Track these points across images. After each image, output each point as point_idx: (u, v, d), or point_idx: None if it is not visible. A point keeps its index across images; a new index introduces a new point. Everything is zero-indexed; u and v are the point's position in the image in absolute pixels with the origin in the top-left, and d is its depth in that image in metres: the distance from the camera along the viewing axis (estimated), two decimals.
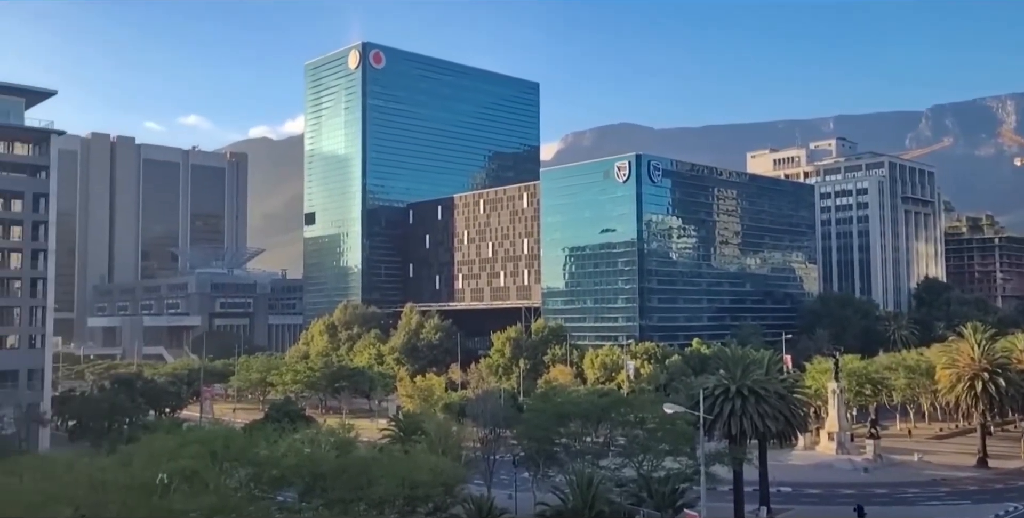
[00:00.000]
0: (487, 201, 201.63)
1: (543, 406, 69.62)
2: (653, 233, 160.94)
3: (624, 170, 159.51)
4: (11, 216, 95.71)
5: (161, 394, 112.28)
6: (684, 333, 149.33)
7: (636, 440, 60.93)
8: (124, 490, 40.97)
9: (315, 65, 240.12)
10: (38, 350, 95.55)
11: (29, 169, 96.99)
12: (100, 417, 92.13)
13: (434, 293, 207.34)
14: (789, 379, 72.36)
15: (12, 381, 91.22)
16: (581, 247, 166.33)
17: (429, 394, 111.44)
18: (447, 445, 62.76)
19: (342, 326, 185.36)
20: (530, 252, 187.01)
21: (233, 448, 47.02)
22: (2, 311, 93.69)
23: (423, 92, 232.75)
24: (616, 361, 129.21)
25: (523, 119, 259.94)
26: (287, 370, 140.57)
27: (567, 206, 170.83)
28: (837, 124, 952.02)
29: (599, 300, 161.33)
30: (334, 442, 53.93)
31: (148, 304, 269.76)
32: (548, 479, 61.67)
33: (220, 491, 42.29)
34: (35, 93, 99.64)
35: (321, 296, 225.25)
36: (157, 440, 50.27)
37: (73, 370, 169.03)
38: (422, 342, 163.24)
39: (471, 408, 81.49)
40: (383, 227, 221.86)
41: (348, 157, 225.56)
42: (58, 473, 44.57)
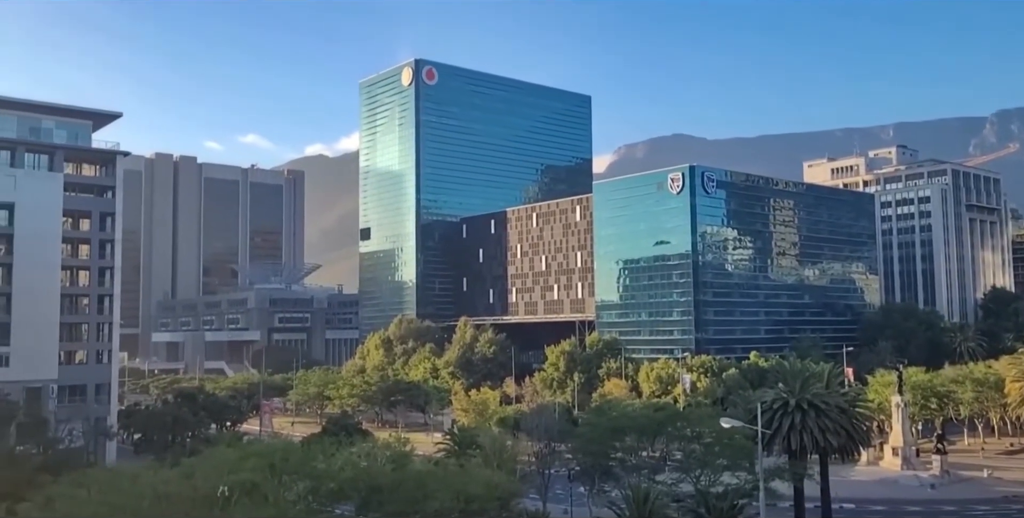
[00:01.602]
0: (540, 214, 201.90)
1: (598, 420, 69.21)
2: (708, 245, 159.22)
3: (678, 181, 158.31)
4: (80, 235, 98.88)
5: (222, 408, 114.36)
6: (741, 346, 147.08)
7: (693, 455, 60.09)
8: (187, 502, 41.82)
9: (369, 83, 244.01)
10: (105, 365, 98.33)
11: (96, 189, 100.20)
12: (164, 430, 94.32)
13: (488, 307, 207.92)
14: (851, 393, 70.72)
15: (81, 395, 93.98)
16: (635, 259, 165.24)
17: (484, 408, 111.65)
18: (502, 459, 62.76)
19: (397, 340, 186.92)
20: (583, 265, 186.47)
21: (292, 461, 47.69)
22: (71, 327, 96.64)
23: (475, 107, 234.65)
24: (672, 374, 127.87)
25: (575, 132, 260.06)
26: (344, 384, 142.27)
27: (620, 218, 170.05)
28: (897, 132, 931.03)
29: (654, 313, 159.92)
30: (390, 456, 54.41)
31: (209, 319, 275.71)
32: (604, 494, 61.19)
33: (279, 504, 42.88)
34: (102, 116, 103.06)
35: (376, 310, 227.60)
36: (218, 453, 51.25)
37: (138, 384, 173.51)
38: (476, 356, 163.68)
39: (526, 422, 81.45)
40: (437, 241, 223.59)
41: (402, 173, 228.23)
42: (124, 485, 45.61)
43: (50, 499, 45.80)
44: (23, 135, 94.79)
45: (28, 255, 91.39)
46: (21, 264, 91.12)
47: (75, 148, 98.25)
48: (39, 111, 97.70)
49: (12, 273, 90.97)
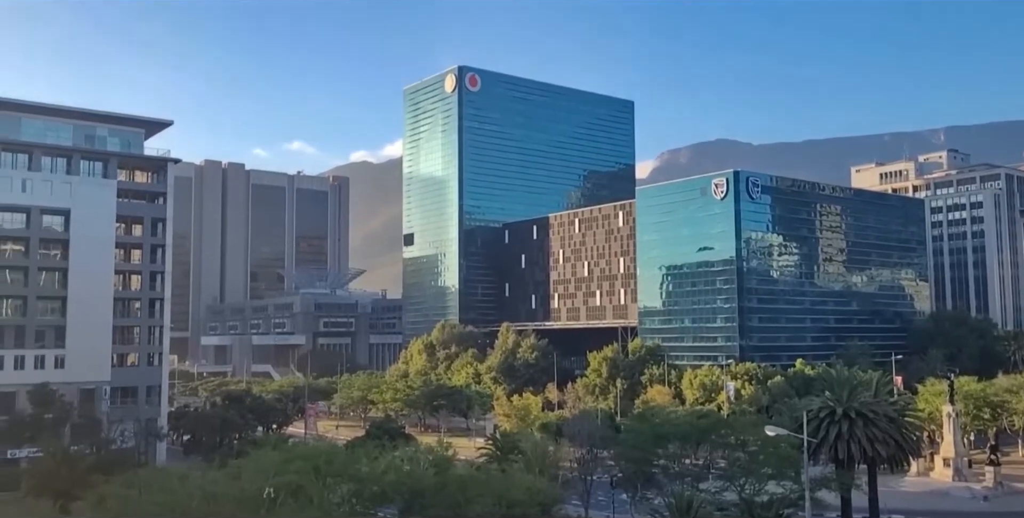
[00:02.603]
0: (582, 220, 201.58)
1: (641, 427, 68.86)
2: (753, 251, 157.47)
3: (722, 187, 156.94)
4: (132, 240, 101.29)
5: (268, 410, 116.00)
6: (786, 353, 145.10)
7: (737, 463, 59.48)
8: (234, 503, 42.61)
9: (413, 90, 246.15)
10: (156, 367, 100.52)
11: (148, 195, 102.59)
12: (212, 432, 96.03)
13: (530, 312, 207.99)
14: (900, 402, 69.35)
15: (132, 397, 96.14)
16: (678, 265, 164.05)
17: (526, 413, 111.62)
18: (544, 465, 62.82)
19: (440, 345, 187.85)
20: (626, 271, 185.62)
21: (336, 464, 48.33)
22: (124, 330, 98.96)
23: (518, 113, 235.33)
24: (715, 382, 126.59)
25: (618, 137, 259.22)
26: (387, 388, 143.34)
27: (664, 224, 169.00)
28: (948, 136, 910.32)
29: (697, 319, 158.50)
30: (433, 460, 54.79)
31: (256, 323, 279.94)
32: (647, 501, 60.80)
33: (324, 506, 43.49)
34: (153, 124, 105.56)
35: (419, 315, 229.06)
36: (264, 455, 52.10)
37: (188, 387, 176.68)
38: (518, 361, 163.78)
39: (568, 428, 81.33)
40: (479, 247, 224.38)
41: (445, 179, 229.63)
42: (173, 485, 46.66)
43: (103, 498, 47.08)
44: (78, 143, 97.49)
45: (83, 260, 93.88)
46: (76, 269, 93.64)
47: (128, 155, 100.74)
48: (93, 119, 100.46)
49: (68, 277, 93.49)
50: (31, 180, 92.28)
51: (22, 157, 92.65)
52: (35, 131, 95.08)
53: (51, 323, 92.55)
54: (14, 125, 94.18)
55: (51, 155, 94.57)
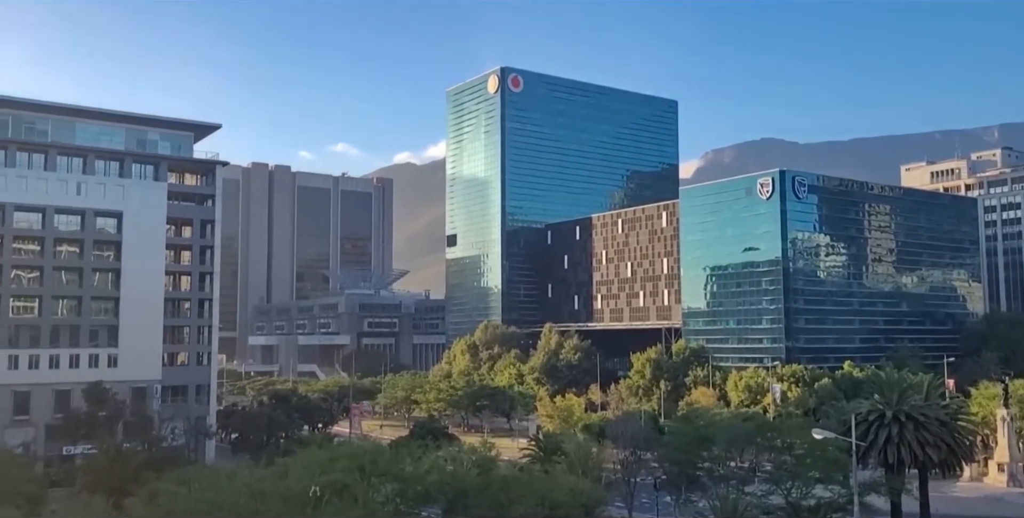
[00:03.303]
0: (625, 221, 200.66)
1: (685, 429, 68.43)
2: (799, 251, 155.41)
3: (767, 186, 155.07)
4: (182, 241, 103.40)
5: (314, 410, 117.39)
6: (834, 355, 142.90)
7: (784, 466, 58.71)
8: (281, 501, 43.20)
9: (456, 91, 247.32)
10: (205, 367, 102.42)
11: (197, 198, 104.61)
12: (259, 431, 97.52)
13: (573, 313, 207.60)
14: (952, 405, 67.83)
15: (182, 396, 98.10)
16: (723, 266, 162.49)
17: (568, 414, 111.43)
18: (587, 466, 62.65)
19: (483, 346, 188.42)
20: (670, 272, 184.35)
21: (380, 464, 48.72)
22: (174, 330, 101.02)
23: (560, 114, 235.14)
24: (761, 384, 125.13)
25: (661, 137, 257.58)
26: (431, 388, 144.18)
27: (708, 224, 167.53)
28: (1002, 133, 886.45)
29: (742, 320, 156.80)
30: (476, 460, 54.93)
31: (302, 323, 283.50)
32: (691, 504, 60.39)
33: (368, 505, 43.87)
34: (202, 127, 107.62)
35: (463, 316, 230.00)
36: (310, 454, 52.77)
37: (235, 386, 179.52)
38: (561, 362, 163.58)
39: (611, 429, 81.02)
40: (522, 248, 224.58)
41: (488, 180, 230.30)
42: (222, 483, 47.44)
43: (154, 494, 48.05)
44: (131, 146, 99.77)
45: (135, 261, 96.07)
46: (129, 270, 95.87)
47: (178, 158, 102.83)
48: (145, 123, 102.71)
49: (121, 278, 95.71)
50: (86, 183, 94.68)
51: (77, 160, 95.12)
52: (89, 135, 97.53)
53: (104, 323, 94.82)
54: (69, 129, 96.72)
55: (104, 159, 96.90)
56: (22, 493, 54.42)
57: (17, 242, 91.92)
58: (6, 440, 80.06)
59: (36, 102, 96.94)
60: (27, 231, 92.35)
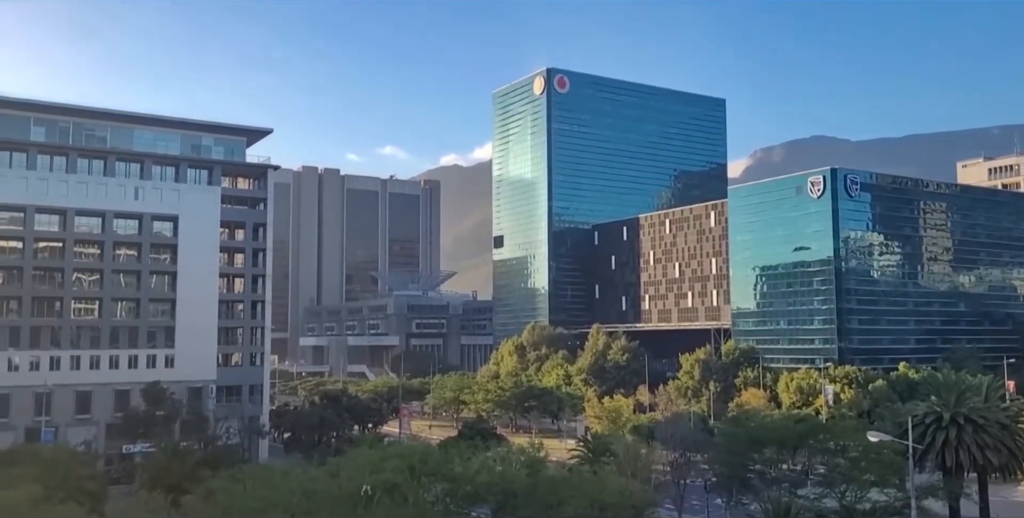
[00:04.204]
0: (673, 221, 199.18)
1: (735, 430, 67.74)
2: (851, 250, 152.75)
3: (818, 185, 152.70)
4: (235, 244, 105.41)
5: (364, 410, 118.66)
6: (888, 356, 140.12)
7: (837, 469, 57.85)
8: (333, 500, 43.91)
9: (502, 93, 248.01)
10: (258, 367, 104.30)
11: (250, 201, 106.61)
12: (311, 430, 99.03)
13: (620, 314, 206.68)
14: (1013, 407, 66.00)
15: (236, 395, 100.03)
16: (773, 266, 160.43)
17: (617, 416, 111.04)
18: (636, 467, 62.41)
19: (530, 347, 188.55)
20: (719, 272, 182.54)
21: (430, 464, 49.13)
22: (228, 331, 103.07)
23: (607, 114, 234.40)
24: (813, 385, 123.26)
25: (709, 136, 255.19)
26: (479, 389, 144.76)
27: (757, 224, 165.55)
28: None
29: (793, 321, 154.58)
30: (525, 461, 55.06)
31: (352, 325, 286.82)
32: (742, 506, 59.86)
33: (419, 504, 44.32)
34: (254, 132, 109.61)
35: (510, 317, 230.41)
36: (361, 453, 53.42)
37: (287, 386, 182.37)
38: (609, 363, 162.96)
39: (660, 431, 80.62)
40: (569, 249, 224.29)
41: (534, 181, 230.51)
42: (275, 481, 48.32)
43: (210, 492, 49.09)
44: (186, 152, 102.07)
45: (190, 264, 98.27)
46: (184, 272, 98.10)
47: (231, 163, 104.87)
48: (199, 129, 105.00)
49: (177, 281, 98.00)
50: (143, 188, 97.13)
51: (134, 166, 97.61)
52: (146, 141, 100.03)
53: (162, 324, 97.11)
54: (127, 136, 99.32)
55: (161, 164, 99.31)
56: (84, 490, 55.98)
57: (79, 246, 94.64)
58: (69, 438, 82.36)
59: (96, 109, 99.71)
60: (88, 235, 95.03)
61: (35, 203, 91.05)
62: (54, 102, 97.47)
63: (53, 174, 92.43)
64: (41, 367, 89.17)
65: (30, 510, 40.56)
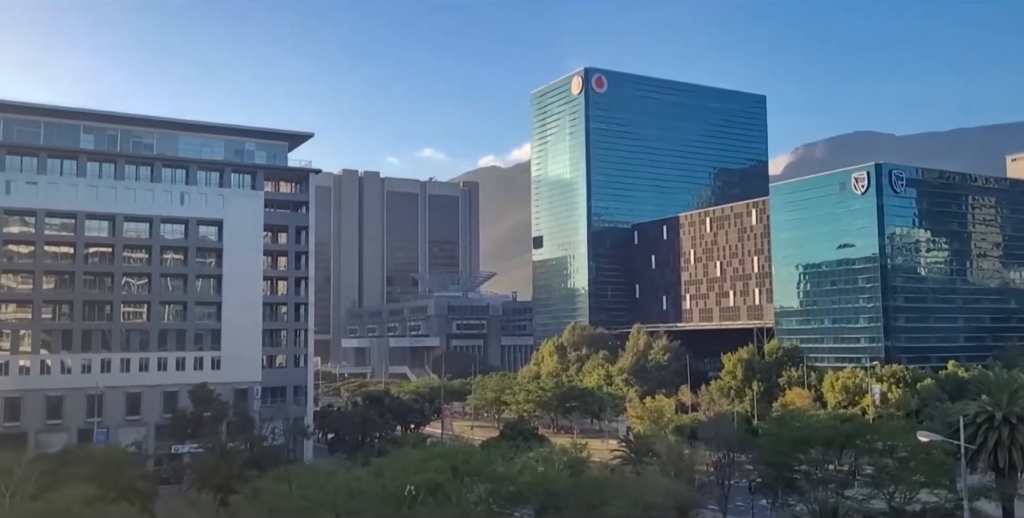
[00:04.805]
0: (714, 219, 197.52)
1: (780, 430, 66.91)
2: (897, 247, 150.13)
3: (862, 181, 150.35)
4: (278, 248, 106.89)
5: (406, 411, 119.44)
6: (937, 355, 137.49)
7: (885, 470, 56.87)
8: (378, 499, 44.37)
9: (540, 93, 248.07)
10: (302, 369, 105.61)
11: (292, 205, 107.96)
12: (354, 431, 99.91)
13: (661, 313, 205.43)
14: None
15: (281, 397, 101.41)
16: (816, 264, 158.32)
17: (659, 416, 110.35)
18: (679, 468, 62.06)
19: (571, 347, 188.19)
20: (761, 270, 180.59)
21: (473, 464, 49.41)
22: (272, 333, 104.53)
23: (645, 113, 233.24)
24: (859, 384, 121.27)
25: (749, 134, 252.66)
26: (519, 390, 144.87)
27: (800, 221, 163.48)
28: None
29: (838, 319, 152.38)
30: (567, 461, 55.10)
31: (393, 326, 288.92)
32: (788, 508, 59.14)
33: (462, 505, 44.58)
34: (296, 137, 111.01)
35: (550, 317, 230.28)
36: (404, 454, 53.92)
37: (330, 387, 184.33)
38: (650, 363, 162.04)
39: (703, 431, 80.00)
40: (608, 248, 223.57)
41: (573, 181, 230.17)
42: (321, 481, 48.98)
43: (257, 492, 49.88)
44: (229, 157, 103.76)
45: (235, 267, 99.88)
46: (229, 276, 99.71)
47: (274, 167, 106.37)
48: (242, 135, 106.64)
49: (222, 284, 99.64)
50: (189, 193, 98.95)
51: (180, 172, 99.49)
52: (191, 147, 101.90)
53: (208, 327, 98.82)
54: (172, 142, 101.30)
55: (205, 169, 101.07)
56: (135, 489, 57.26)
57: (127, 251, 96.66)
58: (120, 439, 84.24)
59: (142, 117, 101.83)
60: (136, 240, 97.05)
61: (85, 209, 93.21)
62: (103, 111, 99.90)
63: (102, 181, 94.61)
64: (93, 369, 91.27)
65: (85, 509, 41.60)
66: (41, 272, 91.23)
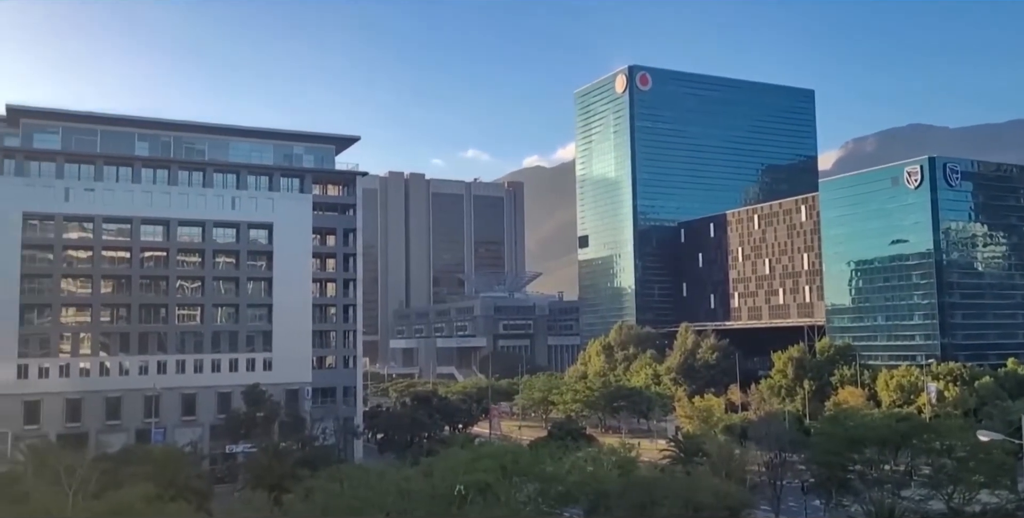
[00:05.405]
0: (762, 216, 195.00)
1: (833, 430, 65.97)
2: (953, 242, 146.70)
3: (915, 175, 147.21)
4: (326, 250, 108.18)
5: (454, 411, 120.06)
6: (995, 352, 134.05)
7: (943, 470, 55.74)
8: (427, 499, 44.73)
9: (584, 92, 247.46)
10: (351, 369, 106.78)
11: (340, 207, 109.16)
12: (403, 431, 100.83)
13: (709, 312, 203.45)
14: None
15: (331, 397, 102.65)
16: (868, 260, 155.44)
17: (708, 415, 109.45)
18: (730, 468, 61.52)
19: (618, 346, 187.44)
20: (811, 267, 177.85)
21: (521, 464, 49.56)
22: (321, 334, 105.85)
23: (691, 110, 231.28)
24: (914, 383, 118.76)
25: (797, 129, 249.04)
26: (567, 390, 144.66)
27: (851, 217, 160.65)
28: None
29: (891, 317, 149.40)
30: (616, 461, 54.97)
31: (440, 327, 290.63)
32: (842, 508, 58.26)
33: (511, 504, 44.74)
34: (342, 140, 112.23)
35: (596, 317, 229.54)
36: (453, 454, 54.26)
37: (379, 388, 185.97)
38: (698, 362, 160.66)
39: (753, 430, 79.16)
40: (655, 247, 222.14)
41: (618, 180, 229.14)
42: (371, 481, 49.49)
43: (309, 491, 50.63)
44: (278, 161, 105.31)
45: (285, 270, 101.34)
46: (280, 278, 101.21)
47: (321, 171, 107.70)
48: (291, 139, 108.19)
49: (272, 286, 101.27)
50: (239, 197, 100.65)
51: (231, 176, 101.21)
52: (241, 153, 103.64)
53: (259, 328, 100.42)
54: (223, 148, 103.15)
55: (255, 173, 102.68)
56: (192, 488, 58.53)
57: (181, 254, 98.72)
58: (176, 439, 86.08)
59: (194, 123, 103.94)
60: (189, 244, 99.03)
61: (141, 214, 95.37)
62: (156, 118, 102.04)
63: (156, 186, 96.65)
64: (149, 371, 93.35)
65: (145, 507, 42.64)
66: (99, 276, 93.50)
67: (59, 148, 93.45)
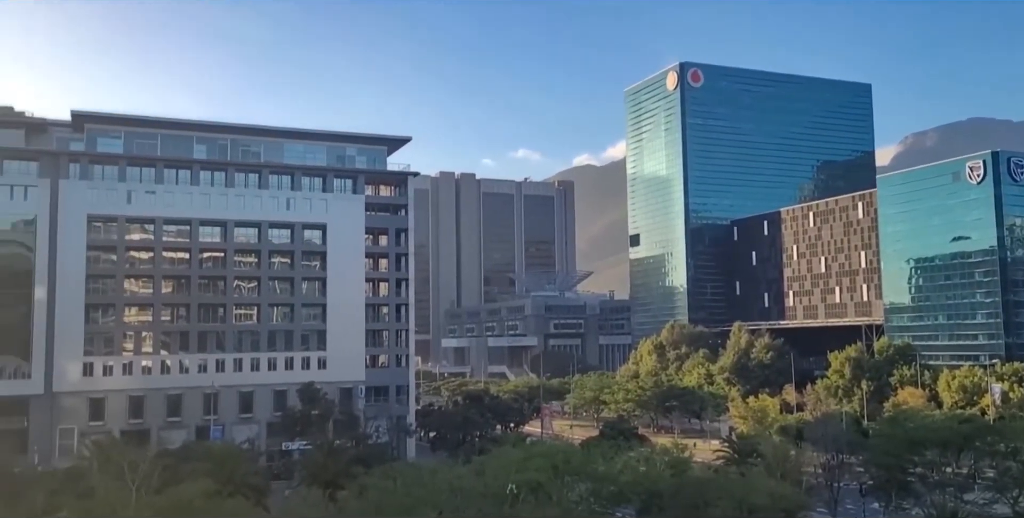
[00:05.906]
0: (817, 213, 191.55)
1: (893, 431, 64.67)
2: (1017, 239, 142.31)
3: (978, 170, 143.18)
4: (378, 250, 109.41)
5: (505, 410, 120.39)
6: None
7: (1009, 473, 54.20)
8: (479, 498, 44.98)
9: (634, 90, 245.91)
10: (403, 368, 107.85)
11: (392, 208, 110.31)
12: (455, 429, 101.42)
13: (763, 311, 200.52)
14: None
15: (384, 396, 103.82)
16: (928, 258, 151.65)
17: (763, 416, 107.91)
18: (785, 469, 60.58)
19: (670, 346, 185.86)
20: (868, 265, 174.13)
21: (573, 463, 49.52)
22: (374, 334, 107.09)
23: (743, 106, 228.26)
24: (977, 383, 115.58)
25: (854, 124, 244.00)
26: (618, 389, 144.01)
27: (910, 214, 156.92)
28: None
29: (953, 316, 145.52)
30: (669, 461, 54.59)
31: (491, 326, 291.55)
32: (902, 511, 57.00)
33: (563, 504, 44.78)
34: (394, 141, 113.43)
35: (648, 316, 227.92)
36: (505, 453, 54.38)
37: (431, 386, 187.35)
38: (752, 362, 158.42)
39: (810, 431, 77.85)
40: (707, 245, 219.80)
41: (669, 178, 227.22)
42: (424, 479, 49.90)
43: (363, 489, 51.22)
44: (331, 162, 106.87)
45: (338, 270, 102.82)
46: (333, 278, 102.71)
47: (374, 172, 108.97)
48: (343, 140, 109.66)
49: (326, 286, 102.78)
50: (294, 199, 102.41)
51: (285, 178, 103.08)
52: (296, 154, 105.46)
53: (314, 328, 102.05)
54: (278, 150, 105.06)
55: (309, 175, 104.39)
56: (249, 485, 59.65)
57: (238, 255, 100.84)
58: (234, 436, 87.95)
59: (250, 126, 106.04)
60: (246, 245, 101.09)
61: (199, 216, 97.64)
62: (214, 121, 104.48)
63: (214, 188, 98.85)
64: (208, 369, 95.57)
65: (204, 503, 43.66)
66: (160, 277, 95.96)
67: (121, 152, 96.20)
